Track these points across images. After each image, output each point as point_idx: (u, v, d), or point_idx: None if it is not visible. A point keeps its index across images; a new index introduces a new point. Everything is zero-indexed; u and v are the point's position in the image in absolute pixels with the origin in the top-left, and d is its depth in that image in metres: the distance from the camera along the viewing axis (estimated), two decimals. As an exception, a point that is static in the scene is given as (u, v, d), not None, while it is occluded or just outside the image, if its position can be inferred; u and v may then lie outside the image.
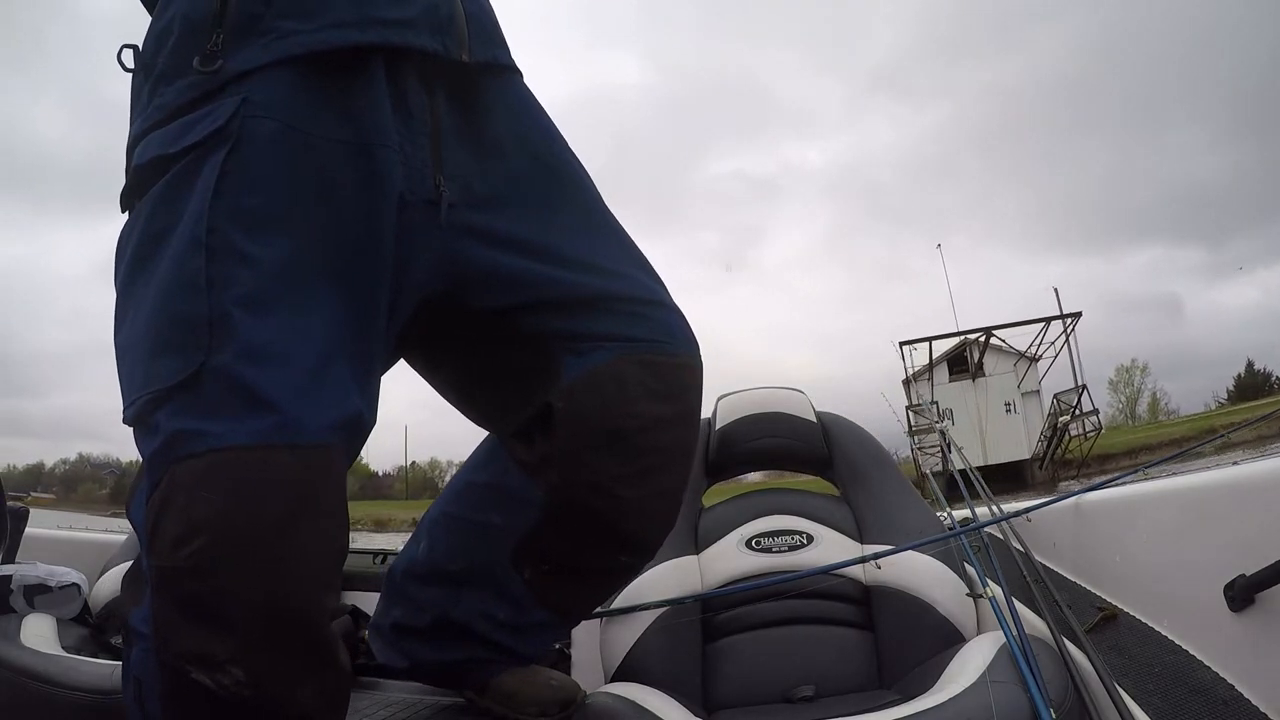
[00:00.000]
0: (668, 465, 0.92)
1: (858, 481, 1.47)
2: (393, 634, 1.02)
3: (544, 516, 0.90)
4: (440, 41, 0.80)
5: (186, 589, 0.65)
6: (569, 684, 1.00)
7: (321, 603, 0.72)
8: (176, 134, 0.72)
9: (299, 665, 0.69)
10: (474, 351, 0.91)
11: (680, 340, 0.92)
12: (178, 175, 0.71)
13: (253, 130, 0.71)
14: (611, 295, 0.88)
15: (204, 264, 0.68)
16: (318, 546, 0.69)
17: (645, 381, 0.88)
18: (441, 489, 1.11)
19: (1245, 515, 0.84)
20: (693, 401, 0.93)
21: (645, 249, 0.95)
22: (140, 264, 0.72)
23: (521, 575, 0.94)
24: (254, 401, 0.66)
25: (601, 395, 0.86)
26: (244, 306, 0.68)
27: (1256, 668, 0.80)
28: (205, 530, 0.64)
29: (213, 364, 0.66)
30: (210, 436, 0.65)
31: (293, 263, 0.71)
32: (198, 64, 0.72)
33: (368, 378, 0.77)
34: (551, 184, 0.89)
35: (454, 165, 0.82)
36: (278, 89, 0.73)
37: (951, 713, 0.86)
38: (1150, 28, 72.33)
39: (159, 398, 0.67)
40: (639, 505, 0.90)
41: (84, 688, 1.18)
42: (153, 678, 0.68)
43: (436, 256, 0.81)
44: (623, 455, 0.87)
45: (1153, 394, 37.50)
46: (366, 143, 0.76)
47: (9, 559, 1.74)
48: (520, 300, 0.85)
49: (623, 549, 0.94)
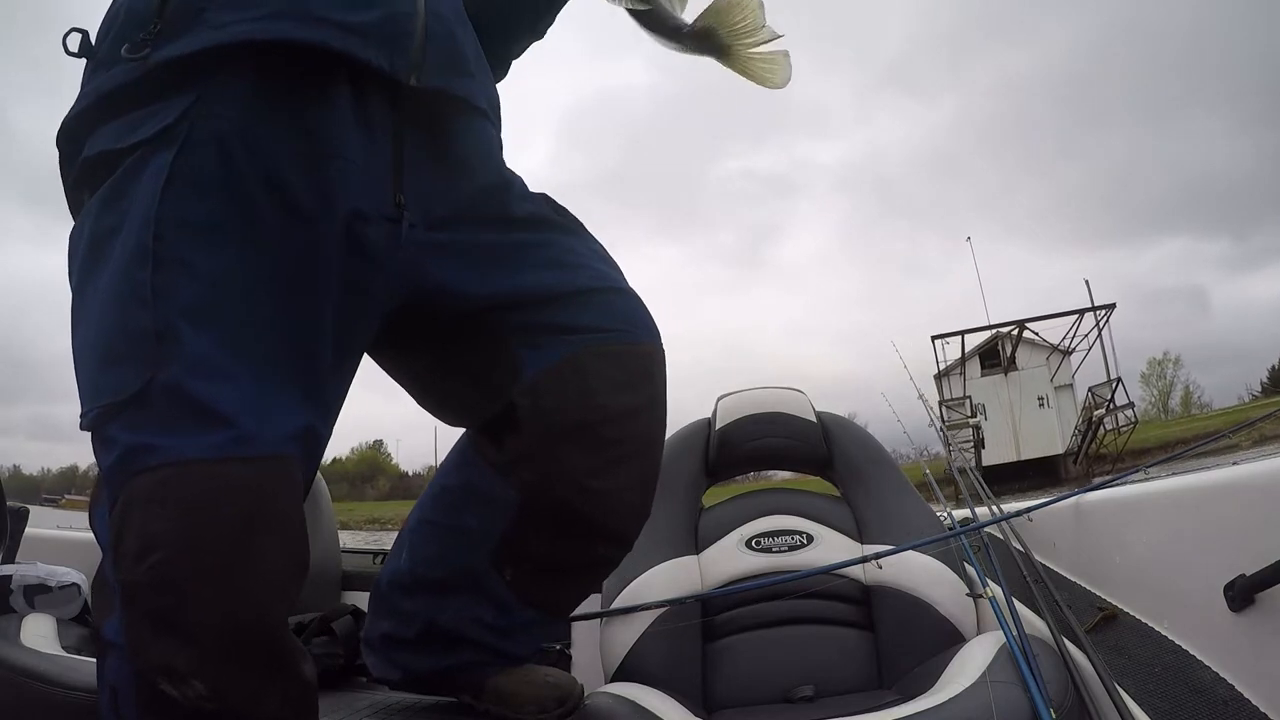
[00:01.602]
0: (637, 454, 0.92)
1: (858, 481, 1.47)
2: (383, 646, 1.01)
3: (519, 516, 0.90)
4: (388, 57, 0.75)
5: (149, 602, 0.65)
6: (567, 681, 0.99)
7: (280, 614, 0.71)
8: (125, 130, 0.71)
9: (260, 677, 0.69)
10: (434, 350, 0.91)
11: (641, 328, 0.93)
12: (124, 174, 0.70)
13: (201, 131, 0.69)
14: (570, 289, 0.88)
15: (149, 274, 0.66)
16: (275, 558, 0.68)
17: (607, 372, 0.88)
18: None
19: (1245, 515, 0.84)
20: (657, 388, 0.93)
21: (663, 251, 0.97)
22: (90, 266, 0.71)
23: (503, 576, 0.93)
24: (206, 415, 0.65)
25: (564, 389, 0.86)
26: (188, 318, 0.67)
27: (1256, 668, 0.80)
28: (162, 545, 0.63)
29: (161, 379, 0.65)
30: (164, 450, 0.64)
31: (237, 273, 0.70)
32: (125, 51, 0.71)
33: (318, 390, 0.76)
34: (505, 203, 0.89)
35: (415, 184, 0.80)
36: (231, 91, 0.71)
37: (951, 713, 0.86)
38: (1167, 13, 71.79)
39: (110, 411, 0.67)
40: (612, 497, 0.90)
41: (84, 688, 1.18)
42: (128, 687, 0.68)
43: (398, 272, 0.80)
44: (591, 448, 0.88)
45: (1185, 387, 36.91)
46: (318, 153, 0.73)
47: (9, 559, 1.74)
48: (479, 305, 0.85)
49: (600, 541, 0.94)
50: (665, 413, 0.95)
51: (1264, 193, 59.41)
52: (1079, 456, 18.83)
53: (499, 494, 0.91)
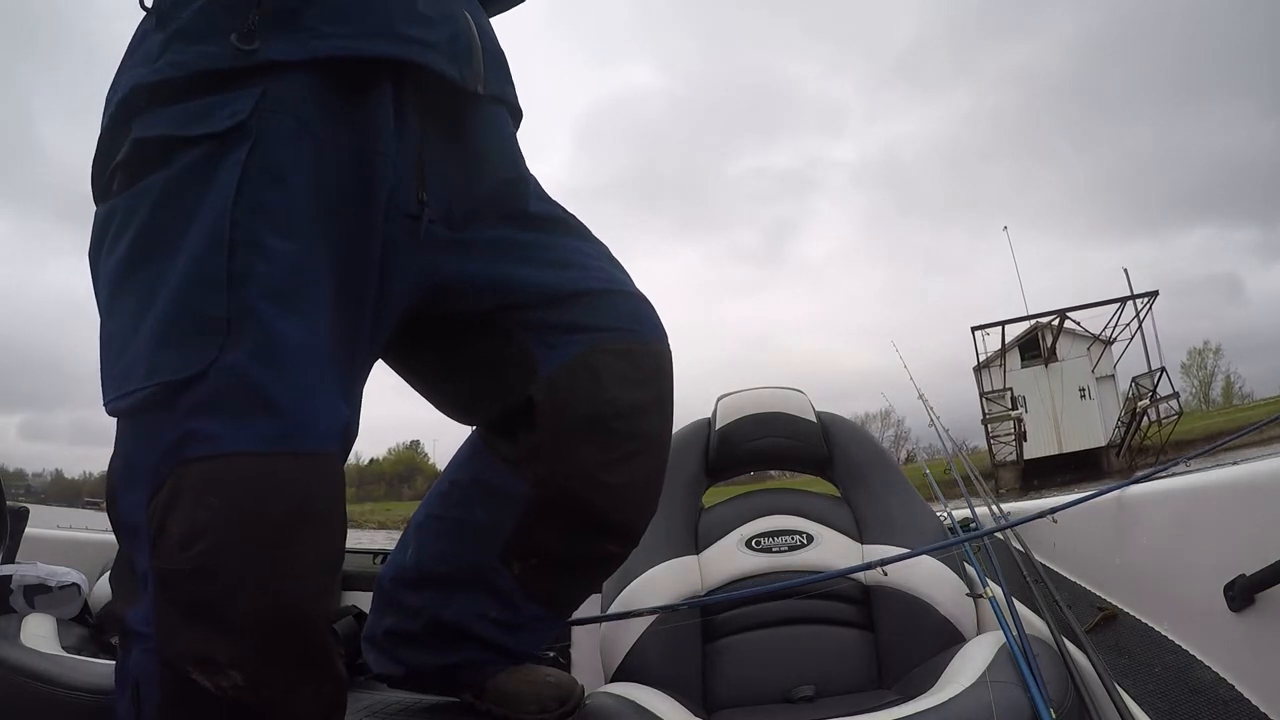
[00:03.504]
0: (647, 450, 0.94)
1: (858, 481, 1.47)
2: (386, 642, 1.02)
3: (530, 509, 0.92)
4: (458, 70, 0.83)
5: (189, 591, 0.65)
6: (567, 681, 1.00)
7: (322, 608, 0.72)
8: (191, 116, 0.71)
9: (297, 670, 0.69)
10: (446, 348, 0.92)
11: (649, 327, 0.95)
12: (193, 166, 0.70)
13: (271, 127, 0.71)
14: (582, 289, 0.91)
15: (225, 260, 0.67)
16: (319, 553, 0.69)
17: (620, 369, 0.90)
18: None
19: (1245, 515, 0.84)
20: (665, 387, 0.96)
21: (684, 251, 0.99)
22: (145, 252, 0.70)
23: (510, 570, 0.94)
24: (263, 405, 0.66)
25: (580, 385, 0.88)
26: (269, 300, 0.68)
27: (1256, 668, 0.80)
28: (209, 534, 0.64)
29: (225, 361, 0.65)
30: (220, 440, 0.65)
31: (306, 266, 0.72)
32: (236, 40, 0.71)
33: (353, 386, 0.78)
34: (524, 197, 0.92)
35: (436, 183, 0.83)
36: (296, 88, 0.73)
37: (951, 713, 0.86)
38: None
39: (166, 392, 0.66)
40: (622, 491, 0.92)
41: (84, 688, 1.18)
42: (153, 678, 0.68)
43: (416, 269, 0.82)
44: (604, 442, 0.90)
45: (1226, 377, 36.26)
46: (368, 150, 0.76)
47: (9, 559, 1.74)
48: (495, 303, 0.88)
49: (608, 537, 0.95)
50: (672, 411, 0.98)
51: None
52: (1122, 449, 18.44)
53: (510, 488, 0.92)
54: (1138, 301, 18.32)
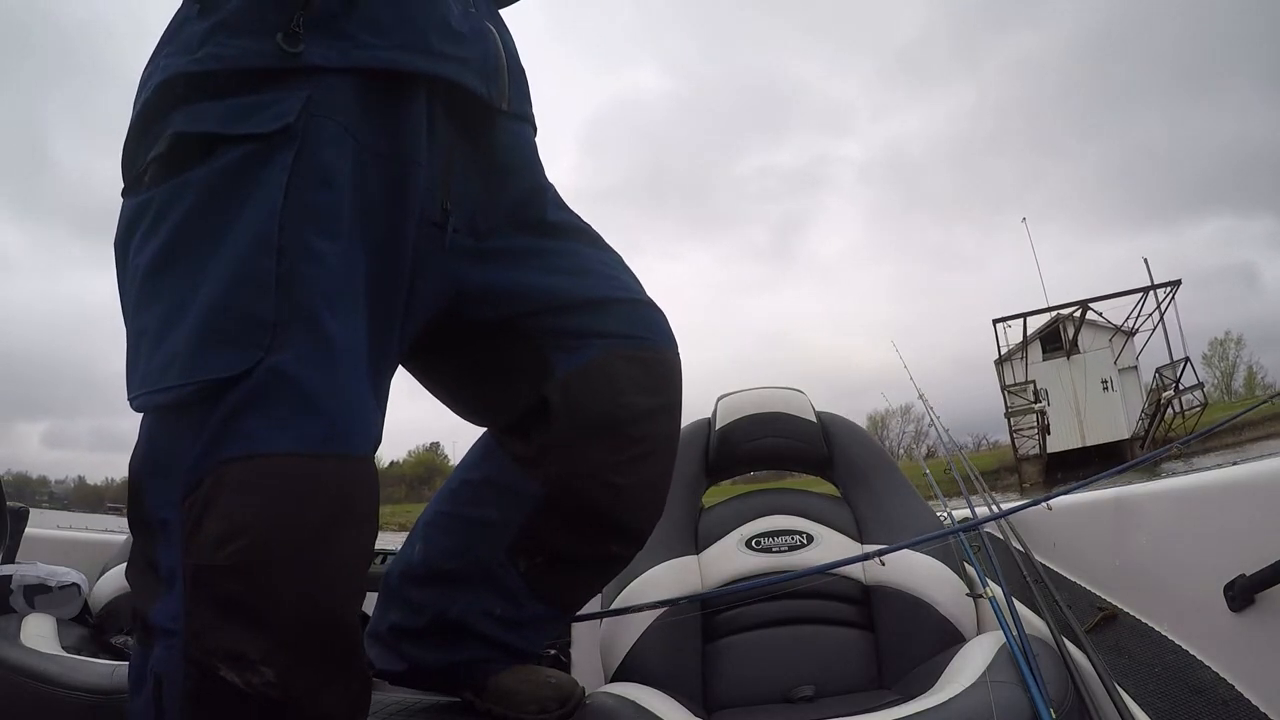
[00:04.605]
0: (656, 453, 0.96)
1: (858, 481, 1.47)
2: (390, 637, 1.02)
3: (540, 508, 0.93)
4: (487, 87, 0.86)
5: (224, 588, 0.65)
6: (567, 681, 1.00)
7: (354, 608, 0.73)
8: (235, 115, 0.70)
9: (328, 668, 0.70)
10: (465, 354, 0.94)
11: (661, 336, 0.98)
12: (237, 164, 0.69)
13: (316, 131, 0.71)
14: (598, 297, 0.93)
15: (273, 263, 0.67)
16: (354, 554, 0.71)
17: (633, 375, 0.93)
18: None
19: (1245, 515, 0.84)
20: (675, 393, 0.99)
21: (696, 251, 1.00)
22: (184, 248, 0.69)
23: (517, 568, 0.96)
24: (306, 407, 0.66)
25: (594, 388, 0.91)
26: (316, 303, 0.68)
27: (1256, 668, 0.80)
28: (249, 532, 0.64)
29: (271, 362, 0.66)
30: (263, 440, 0.65)
31: (350, 271, 0.72)
32: (282, 41, 0.71)
33: (382, 390, 0.79)
34: (543, 205, 0.95)
35: (461, 194, 0.85)
36: (337, 94, 0.73)
37: (951, 713, 0.86)
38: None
39: (208, 390, 0.66)
40: (631, 492, 0.94)
41: (84, 688, 1.18)
42: (177, 675, 0.67)
43: (441, 277, 0.84)
44: (615, 444, 0.92)
45: (1249, 367, 35.20)
46: (405, 158, 0.78)
47: (9, 559, 1.74)
48: (515, 311, 0.90)
49: (615, 538, 0.97)
50: (680, 416, 1.00)
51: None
52: (1145, 441, 17.99)
53: (521, 487, 0.94)
54: (1160, 291, 18.00)
